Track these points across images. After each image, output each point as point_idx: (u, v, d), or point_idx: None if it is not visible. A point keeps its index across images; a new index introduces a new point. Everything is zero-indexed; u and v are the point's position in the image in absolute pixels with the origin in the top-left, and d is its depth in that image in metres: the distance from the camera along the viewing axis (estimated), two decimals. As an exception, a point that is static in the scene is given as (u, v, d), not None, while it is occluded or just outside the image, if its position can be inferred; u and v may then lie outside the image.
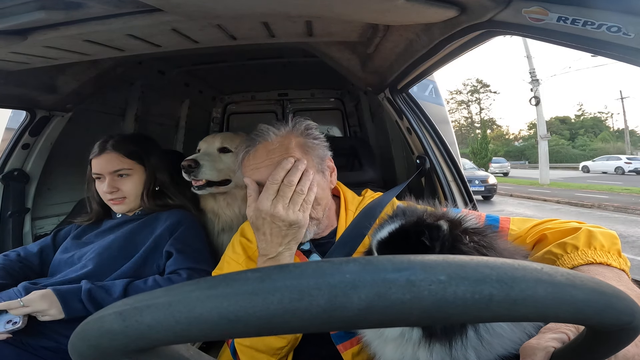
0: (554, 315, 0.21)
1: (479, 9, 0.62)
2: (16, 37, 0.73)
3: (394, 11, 0.67)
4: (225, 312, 0.19)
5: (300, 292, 0.19)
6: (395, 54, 0.97)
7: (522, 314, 0.20)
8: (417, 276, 0.19)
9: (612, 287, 0.23)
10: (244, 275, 0.21)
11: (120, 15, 0.71)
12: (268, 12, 0.75)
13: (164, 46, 0.93)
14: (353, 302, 0.19)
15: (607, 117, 35.22)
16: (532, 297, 0.20)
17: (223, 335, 0.20)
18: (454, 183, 1.23)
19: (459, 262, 0.21)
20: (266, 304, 0.19)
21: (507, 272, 0.20)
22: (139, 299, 0.22)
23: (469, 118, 40.95)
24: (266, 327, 0.20)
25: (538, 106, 14.29)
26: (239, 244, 0.82)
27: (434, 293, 0.19)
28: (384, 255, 0.21)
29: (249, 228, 0.77)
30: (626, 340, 0.25)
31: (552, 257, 0.56)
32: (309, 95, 2.36)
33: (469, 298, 0.19)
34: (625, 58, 0.50)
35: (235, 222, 1.17)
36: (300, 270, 0.20)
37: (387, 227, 0.54)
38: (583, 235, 0.55)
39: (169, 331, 0.20)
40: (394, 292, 0.19)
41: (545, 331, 0.40)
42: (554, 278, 0.21)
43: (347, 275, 0.20)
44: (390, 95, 1.24)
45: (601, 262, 0.52)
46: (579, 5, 0.50)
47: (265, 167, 0.71)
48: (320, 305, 0.19)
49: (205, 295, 0.20)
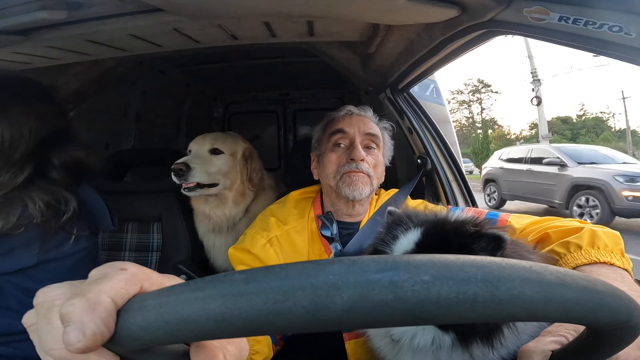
0: (543, 315, 0.21)
1: (480, 9, 0.62)
2: (18, 37, 0.73)
3: (395, 11, 0.67)
4: (212, 313, 0.20)
5: (284, 294, 0.19)
6: (396, 53, 0.97)
7: (510, 314, 0.20)
8: (400, 277, 0.19)
9: (606, 285, 0.23)
10: (232, 277, 0.21)
11: (122, 15, 0.71)
12: (269, 12, 0.75)
13: (165, 46, 0.93)
14: (336, 303, 0.19)
15: (608, 117, 35.09)
16: (518, 297, 0.20)
17: (211, 336, 0.21)
18: (455, 183, 1.23)
19: (445, 262, 0.21)
20: (251, 304, 0.19)
21: (493, 271, 0.20)
22: (134, 301, 0.22)
23: (470, 118, 40.88)
24: (251, 327, 0.20)
25: (539, 106, 14.25)
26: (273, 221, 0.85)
27: (417, 293, 0.19)
28: (370, 256, 0.21)
29: (280, 209, 0.87)
30: (626, 339, 0.24)
31: (555, 256, 0.55)
32: (310, 95, 2.36)
33: (452, 298, 0.19)
34: (627, 58, 0.49)
35: (225, 223, 1.16)
36: (285, 271, 0.20)
37: (407, 237, 0.51)
38: (586, 235, 0.55)
39: (160, 331, 0.20)
40: (376, 292, 0.19)
41: (545, 334, 0.39)
42: (542, 277, 0.21)
43: (330, 276, 0.20)
44: (392, 95, 1.24)
45: (605, 262, 0.51)
46: (581, 5, 0.50)
47: (358, 127, 0.87)
48: (304, 306, 0.19)
49: (194, 296, 0.20)
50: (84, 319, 0.21)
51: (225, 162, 1.12)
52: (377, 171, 0.86)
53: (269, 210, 0.89)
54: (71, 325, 0.21)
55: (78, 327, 0.21)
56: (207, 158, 1.11)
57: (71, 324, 0.21)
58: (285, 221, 0.84)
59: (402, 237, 0.52)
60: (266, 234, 0.81)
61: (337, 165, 0.83)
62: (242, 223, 1.18)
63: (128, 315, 0.22)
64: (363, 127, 0.87)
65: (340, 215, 0.86)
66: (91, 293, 0.22)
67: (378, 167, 0.87)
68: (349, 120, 0.88)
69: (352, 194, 0.80)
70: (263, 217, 0.88)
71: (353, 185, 0.80)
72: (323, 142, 0.90)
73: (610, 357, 0.27)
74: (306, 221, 0.85)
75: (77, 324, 0.21)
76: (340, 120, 0.89)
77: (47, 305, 0.23)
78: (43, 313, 0.23)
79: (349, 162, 0.82)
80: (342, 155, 0.84)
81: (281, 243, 0.81)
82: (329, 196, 0.88)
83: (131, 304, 0.22)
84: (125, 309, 0.22)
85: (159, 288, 0.23)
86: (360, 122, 0.88)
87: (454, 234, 0.49)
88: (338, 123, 0.88)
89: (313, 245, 0.82)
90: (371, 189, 0.84)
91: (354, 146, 0.83)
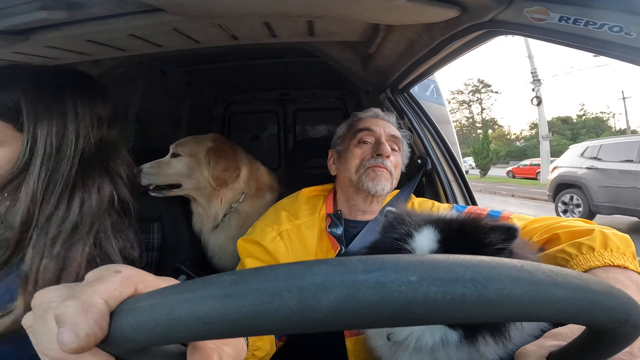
0: (534, 314, 0.21)
1: (481, 9, 0.62)
2: (18, 37, 0.73)
3: (395, 11, 0.67)
4: (201, 315, 0.20)
5: (271, 295, 0.19)
6: (396, 53, 0.97)
7: (499, 314, 0.20)
8: (387, 277, 0.19)
9: (601, 284, 0.22)
10: (220, 279, 0.21)
11: (122, 15, 0.71)
12: (269, 12, 0.75)
13: (166, 46, 0.93)
14: (322, 304, 0.19)
15: (609, 117, 35.10)
16: (507, 297, 0.20)
17: (201, 336, 0.21)
18: (455, 183, 1.23)
19: (432, 262, 0.20)
20: (239, 306, 0.20)
21: (481, 271, 0.20)
22: (125, 303, 0.23)
23: (471, 118, 40.90)
24: (239, 328, 0.20)
25: (540, 106, 14.27)
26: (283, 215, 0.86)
27: (404, 294, 0.19)
28: (359, 256, 0.21)
29: (291, 204, 0.89)
30: (627, 338, 0.24)
31: (565, 256, 0.55)
32: (310, 95, 2.36)
33: (440, 299, 0.19)
34: (627, 58, 0.49)
35: (208, 221, 1.21)
36: (273, 272, 0.20)
37: (423, 235, 0.52)
38: (599, 237, 0.54)
39: (151, 332, 0.21)
40: (363, 293, 0.19)
41: (547, 336, 0.39)
42: (533, 276, 0.21)
43: (317, 277, 0.20)
44: (392, 95, 1.24)
45: (618, 265, 0.51)
46: (581, 5, 0.50)
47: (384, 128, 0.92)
48: (290, 307, 0.19)
49: (184, 298, 0.20)
50: (77, 320, 0.21)
51: (183, 164, 1.17)
52: (396, 172, 0.91)
53: (280, 205, 0.91)
54: (65, 326, 0.21)
55: (71, 328, 0.21)
56: (165, 162, 1.18)
57: (65, 325, 0.21)
58: (297, 216, 0.86)
59: (417, 235, 0.52)
60: (277, 227, 0.82)
61: (361, 160, 0.87)
62: (231, 223, 1.21)
63: (121, 316, 0.22)
64: (388, 129, 0.92)
65: (354, 211, 0.88)
66: (85, 295, 0.22)
67: (397, 168, 0.91)
68: (375, 121, 0.94)
69: (374, 188, 0.83)
70: (274, 211, 0.89)
71: (377, 180, 0.84)
72: (347, 139, 0.94)
73: (612, 356, 0.27)
74: (317, 218, 0.86)
75: (71, 325, 0.21)
76: (367, 120, 0.94)
77: (44, 307, 0.24)
78: (40, 314, 0.24)
79: (374, 157, 0.86)
80: (367, 150, 0.88)
81: (291, 237, 0.82)
82: (345, 192, 0.90)
83: (124, 306, 0.22)
84: (119, 310, 0.22)
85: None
86: (386, 125, 0.93)
87: (469, 228, 0.50)
88: (365, 122, 0.93)
89: (321, 242, 0.84)
90: (391, 187, 0.88)
91: (381, 142, 0.88)
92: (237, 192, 1.21)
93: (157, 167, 1.16)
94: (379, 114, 0.96)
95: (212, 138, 1.22)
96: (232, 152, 1.22)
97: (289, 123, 2.46)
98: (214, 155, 1.16)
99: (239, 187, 1.22)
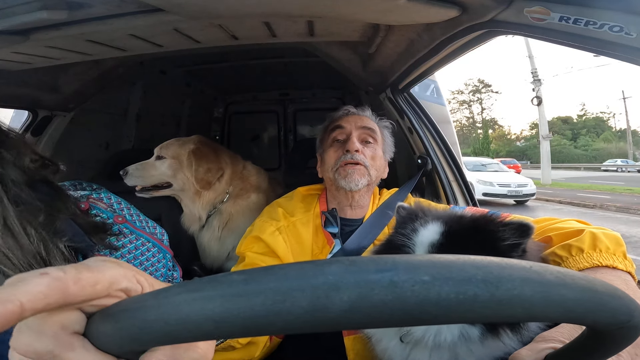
0: (543, 315, 0.21)
1: (481, 9, 0.62)
2: (18, 37, 0.73)
3: (395, 11, 0.67)
4: (211, 314, 0.20)
5: (283, 294, 0.19)
6: (396, 53, 0.97)
7: (509, 315, 0.20)
8: (400, 277, 0.19)
9: (606, 285, 0.23)
10: (230, 278, 0.21)
11: (122, 15, 0.71)
12: (269, 12, 0.75)
13: (166, 46, 0.93)
14: (335, 304, 0.19)
15: (609, 117, 35.12)
16: (518, 297, 0.20)
17: (210, 336, 0.21)
18: (455, 183, 1.23)
19: (445, 262, 0.20)
20: (250, 305, 0.19)
21: (493, 271, 0.20)
22: (132, 301, 0.22)
23: (471, 118, 40.87)
24: (250, 328, 0.20)
25: (540, 106, 14.26)
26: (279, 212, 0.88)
27: (417, 294, 0.19)
28: (369, 256, 0.21)
29: (287, 202, 0.92)
30: (627, 339, 0.24)
31: (556, 259, 0.55)
32: (310, 95, 2.36)
33: (452, 299, 0.19)
34: (628, 58, 0.49)
35: (192, 219, 1.24)
36: (284, 272, 0.20)
37: (429, 229, 0.52)
38: (588, 237, 0.54)
39: (159, 332, 0.20)
40: (376, 293, 0.19)
41: (539, 340, 0.39)
42: (543, 277, 0.21)
43: (329, 276, 0.20)
44: (392, 95, 1.24)
45: (607, 265, 0.51)
46: (581, 5, 0.50)
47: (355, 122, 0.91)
48: (303, 307, 0.19)
49: (192, 297, 0.20)
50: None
51: (167, 166, 1.19)
52: (375, 163, 0.89)
53: (277, 203, 0.94)
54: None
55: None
56: (150, 164, 1.20)
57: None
58: (292, 213, 0.88)
59: (422, 229, 0.52)
60: (275, 223, 0.85)
61: (335, 159, 0.88)
62: (213, 223, 1.23)
63: (127, 315, 0.21)
64: (360, 122, 0.92)
65: (342, 208, 0.90)
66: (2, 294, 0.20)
67: (376, 160, 0.90)
68: (347, 117, 0.94)
69: (348, 185, 0.84)
70: (271, 208, 0.92)
71: (349, 177, 0.84)
72: (324, 140, 0.95)
73: (611, 356, 0.27)
74: (311, 215, 0.89)
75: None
76: (338, 118, 0.95)
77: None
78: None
79: (344, 154, 0.86)
80: (339, 149, 0.89)
81: (288, 233, 0.85)
82: (330, 191, 0.92)
83: (130, 305, 0.22)
84: (124, 309, 0.22)
85: (92, 285, 0.22)
86: (357, 119, 0.93)
87: (480, 223, 0.50)
88: (337, 121, 0.94)
89: (317, 237, 0.86)
90: (369, 180, 0.87)
91: (349, 138, 0.88)
92: (219, 192, 1.22)
93: (142, 169, 1.19)
94: (350, 110, 0.96)
95: (195, 140, 1.23)
96: (215, 153, 1.22)
97: (289, 123, 2.46)
98: (195, 157, 1.17)
99: (221, 188, 1.22)
